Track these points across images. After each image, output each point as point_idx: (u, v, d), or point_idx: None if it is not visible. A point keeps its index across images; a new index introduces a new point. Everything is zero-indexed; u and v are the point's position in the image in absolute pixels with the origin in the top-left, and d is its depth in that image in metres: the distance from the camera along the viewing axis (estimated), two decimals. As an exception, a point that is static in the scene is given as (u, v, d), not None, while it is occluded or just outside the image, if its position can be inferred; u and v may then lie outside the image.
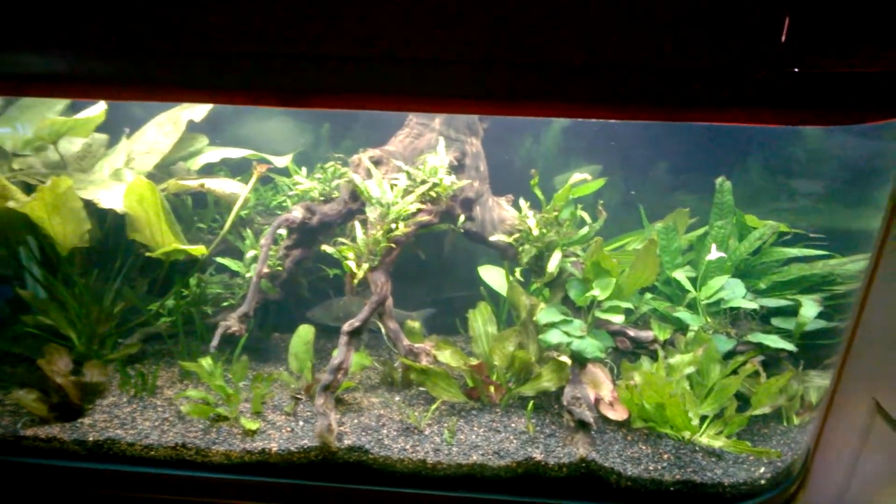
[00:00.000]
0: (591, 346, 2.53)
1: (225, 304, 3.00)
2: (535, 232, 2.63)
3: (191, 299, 2.93)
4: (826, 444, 2.59)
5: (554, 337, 2.55)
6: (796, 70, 1.63)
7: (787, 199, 3.14)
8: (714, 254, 2.72)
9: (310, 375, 2.75)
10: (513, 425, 2.58)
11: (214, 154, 3.06)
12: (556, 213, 2.65)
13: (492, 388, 2.70)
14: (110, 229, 2.96)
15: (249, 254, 2.93)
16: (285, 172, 3.18)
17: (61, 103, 2.87)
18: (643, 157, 3.22)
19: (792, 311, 2.74)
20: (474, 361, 2.64)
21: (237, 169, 3.23)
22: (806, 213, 3.06)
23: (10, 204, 2.45)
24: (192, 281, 2.92)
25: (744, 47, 1.58)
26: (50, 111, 2.86)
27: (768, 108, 1.73)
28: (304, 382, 2.77)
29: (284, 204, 3.13)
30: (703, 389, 2.60)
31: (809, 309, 2.65)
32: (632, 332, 2.73)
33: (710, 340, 2.60)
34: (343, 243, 2.61)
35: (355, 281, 2.50)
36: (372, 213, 2.59)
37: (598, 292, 2.60)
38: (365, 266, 2.51)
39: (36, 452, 2.48)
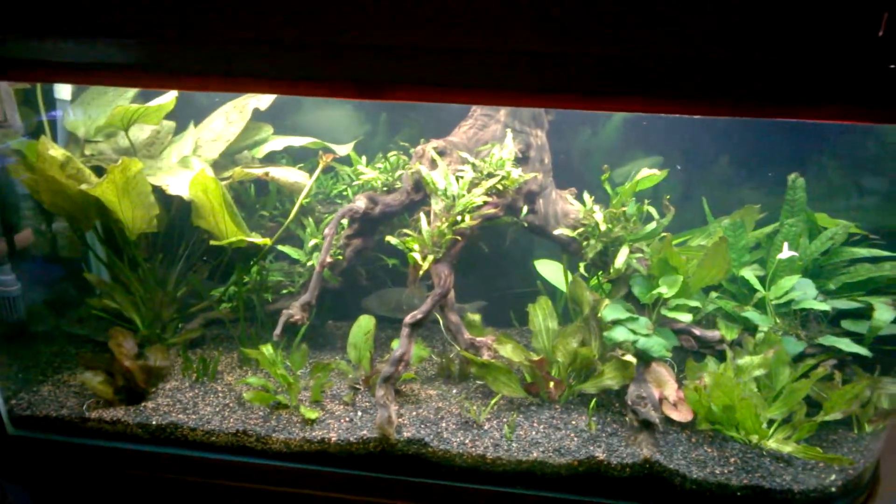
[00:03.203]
0: (657, 344, 2.48)
1: (284, 291, 3.02)
2: (603, 227, 2.57)
3: (252, 286, 2.95)
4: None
5: (620, 334, 2.50)
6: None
7: (857, 196, 3.02)
8: (786, 252, 2.63)
9: (368, 366, 2.75)
10: (573, 423, 2.55)
11: (278, 143, 3.06)
12: (623, 209, 2.59)
13: (551, 384, 2.66)
14: (175, 215, 3.00)
15: (310, 242, 2.94)
16: (345, 161, 3.17)
17: (132, 91, 2.90)
18: (705, 150, 3.13)
19: (863, 314, 2.65)
20: (536, 357, 2.61)
21: (296, 157, 3.24)
22: (874, 211, 2.95)
23: (83, 187, 2.48)
24: (254, 269, 2.93)
25: (839, 42, 1.53)
26: (120, 98, 2.89)
27: (863, 105, 1.67)
28: (362, 372, 2.77)
29: (345, 193, 3.12)
30: (770, 392, 2.53)
31: (884, 312, 2.56)
32: (697, 332, 2.66)
33: (780, 342, 2.53)
34: (407, 234, 2.59)
35: (420, 273, 2.48)
36: (437, 204, 2.56)
37: (665, 290, 2.54)
38: (430, 258, 2.49)
39: (100, 434, 2.54)
